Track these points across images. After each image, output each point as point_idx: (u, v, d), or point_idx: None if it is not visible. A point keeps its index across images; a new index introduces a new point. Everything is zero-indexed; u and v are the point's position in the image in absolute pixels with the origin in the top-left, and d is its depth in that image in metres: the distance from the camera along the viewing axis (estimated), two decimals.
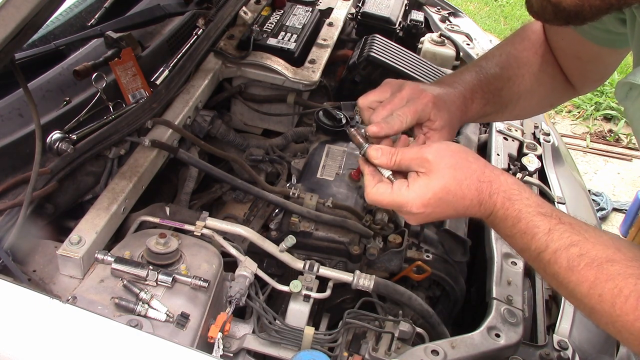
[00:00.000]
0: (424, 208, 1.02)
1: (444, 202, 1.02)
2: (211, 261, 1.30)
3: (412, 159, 1.05)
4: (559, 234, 0.96)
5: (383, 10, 2.34)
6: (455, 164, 1.02)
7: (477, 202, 1.02)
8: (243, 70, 1.92)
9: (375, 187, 1.07)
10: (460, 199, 1.01)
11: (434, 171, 1.02)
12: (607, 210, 4.01)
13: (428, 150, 1.05)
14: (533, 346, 1.41)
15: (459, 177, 1.01)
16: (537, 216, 0.98)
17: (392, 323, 1.35)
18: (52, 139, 1.34)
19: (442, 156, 1.03)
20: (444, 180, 1.01)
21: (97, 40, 1.66)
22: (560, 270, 0.95)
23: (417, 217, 1.05)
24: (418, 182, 1.03)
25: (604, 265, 0.91)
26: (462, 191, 1.01)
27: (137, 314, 1.15)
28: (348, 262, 1.49)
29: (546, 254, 0.96)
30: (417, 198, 1.02)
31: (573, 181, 2.00)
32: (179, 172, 1.80)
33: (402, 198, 1.03)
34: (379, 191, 1.06)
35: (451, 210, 1.03)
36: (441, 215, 1.05)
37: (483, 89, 1.29)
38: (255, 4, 2.15)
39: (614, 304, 0.89)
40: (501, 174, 1.04)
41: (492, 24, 6.10)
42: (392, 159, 1.07)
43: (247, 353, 1.30)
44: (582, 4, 0.91)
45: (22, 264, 1.28)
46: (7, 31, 1.03)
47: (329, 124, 1.78)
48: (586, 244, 0.94)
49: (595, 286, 0.91)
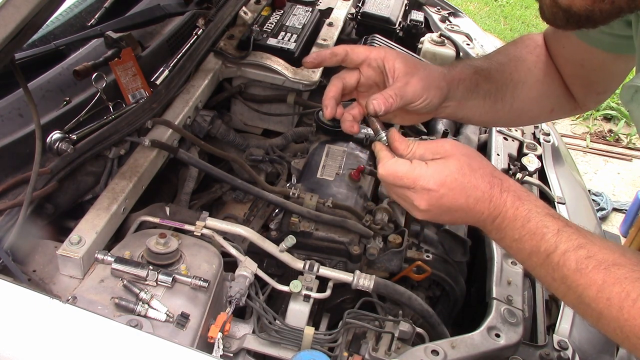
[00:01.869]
0: (440, 186, 1.02)
1: (459, 184, 1.02)
2: (211, 261, 1.30)
3: (427, 149, 1.07)
4: (567, 235, 0.96)
5: (383, 10, 2.34)
6: (469, 154, 1.06)
7: (488, 196, 1.02)
8: (243, 70, 1.92)
9: (395, 159, 1.07)
10: (473, 187, 1.02)
11: (451, 156, 1.04)
12: (607, 210, 4.01)
13: (443, 141, 1.08)
14: (533, 346, 1.41)
15: (474, 165, 1.03)
16: (546, 217, 0.99)
17: (392, 323, 1.35)
18: (52, 139, 1.34)
19: (457, 146, 1.06)
20: (460, 163, 1.03)
21: (97, 40, 1.66)
22: (568, 272, 0.95)
23: (430, 197, 1.03)
24: (436, 161, 1.04)
25: (611, 269, 0.91)
26: (475, 179, 1.02)
27: (137, 314, 1.15)
28: (348, 262, 1.49)
29: (555, 255, 0.96)
30: (435, 174, 1.02)
31: (573, 181, 2.00)
32: (179, 172, 1.80)
33: (420, 172, 1.03)
34: (398, 162, 1.05)
35: (463, 199, 1.02)
36: (452, 202, 1.03)
37: (466, 63, 1.31)
38: (255, 4, 2.15)
39: (621, 308, 0.89)
40: (509, 177, 1.07)
41: (492, 24, 6.10)
42: (409, 146, 1.09)
43: (247, 353, 1.30)
44: (592, 9, 0.91)
45: (22, 264, 1.28)
46: (7, 31, 1.04)
47: (329, 124, 1.78)
48: (593, 247, 0.94)
49: (604, 289, 0.91)
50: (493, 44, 2.50)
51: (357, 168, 1.64)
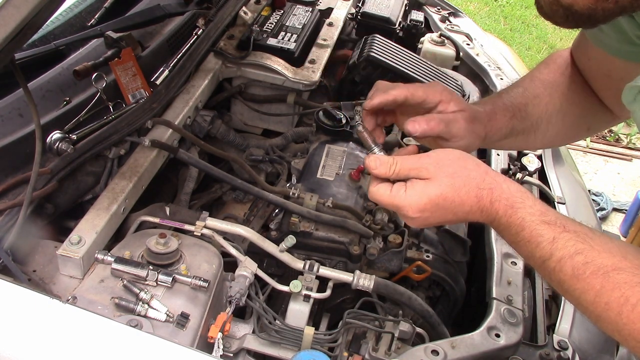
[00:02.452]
0: (420, 213, 1.02)
1: (441, 208, 1.02)
2: (211, 261, 1.30)
3: (410, 168, 1.05)
4: (563, 243, 0.95)
5: (383, 10, 2.34)
6: (454, 173, 1.02)
7: (478, 208, 1.01)
8: (243, 70, 1.92)
9: (377, 186, 1.07)
10: (459, 205, 1.01)
11: (432, 179, 1.02)
12: (607, 210, 4.01)
13: (427, 159, 1.04)
14: (533, 346, 1.41)
15: (457, 185, 1.01)
16: (540, 225, 0.97)
17: (392, 323, 1.35)
18: (52, 139, 1.34)
19: (441, 165, 1.03)
20: (440, 188, 1.01)
21: (97, 40, 1.66)
22: (565, 278, 0.94)
23: (414, 221, 1.05)
24: (415, 186, 1.03)
25: (610, 274, 0.90)
26: (460, 198, 1.01)
27: (137, 314, 1.15)
28: (348, 262, 1.49)
29: (551, 262, 0.96)
30: (414, 203, 1.02)
31: (573, 181, 2.00)
32: (179, 172, 1.80)
33: (399, 201, 1.03)
34: (379, 191, 1.06)
35: (451, 216, 1.03)
36: (441, 219, 1.04)
37: (505, 103, 1.29)
38: (255, 4, 2.15)
39: (620, 313, 0.89)
40: (503, 182, 1.03)
41: (492, 24, 6.10)
42: (390, 169, 1.06)
43: (247, 353, 1.30)
44: (594, 7, 0.90)
45: (22, 264, 1.28)
46: (7, 31, 1.03)
47: (329, 124, 1.78)
48: (591, 252, 0.93)
49: (602, 294, 0.90)
50: (493, 44, 2.50)
51: (357, 168, 1.64)
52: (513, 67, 2.34)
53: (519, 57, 2.81)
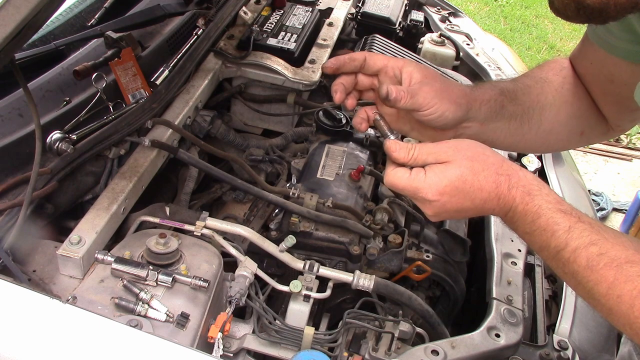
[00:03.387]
0: (440, 196, 1.01)
1: (460, 191, 1.01)
2: (211, 261, 1.30)
3: (429, 153, 1.04)
4: (578, 232, 0.95)
5: (383, 10, 2.34)
6: (472, 156, 1.02)
7: (495, 195, 1.01)
8: (243, 70, 1.92)
9: (394, 170, 1.06)
10: (477, 190, 1.00)
11: (452, 161, 1.02)
12: (607, 210, 4.02)
13: (445, 145, 1.05)
14: (533, 346, 1.41)
15: (476, 168, 1.01)
16: (557, 213, 0.97)
17: (392, 323, 1.35)
18: (52, 139, 1.34)
19: (459, 149, 1.03)
20: (460, 170, 1.01)
21: (97, 40, 1.66)
22: (579, 269, 0.94)
23: (432, 205, 1.03)
24: (434, 169, 1.02)
25: (624, 266, 0.90)
26: (479, 182, 1.00)
27: (137, 314, 1.15)
28: (348, 262, 1.49)
29: (565, 252, 0.95)
30: (434, 184, 1.01)
31: (573, 181, 2.00)
32: (179, 172, 1.80)
33: (418, 183, 1.02)
34: (397, 175, 1.05)
35: (468, 202, 1.02)
36: (458, 206, 1.02)
37: (492, 83, 1.29)
38: (255, 4, 2.15)
39: (632, 306, 0.89)
40: (520, 170, 1.03)
41: (492, 24, 6.10)
42: (409, 153, 1.06)
43: (247, 353, 1.30)
44: (607, 2, 0.89)
45: (22, 264, 1.28)
46: (7, 31, 1.03)
47: (329, 124, 1.78)
48: (606, 244, 0.93)
49: (614, 287, 0.90)
50: (493, 44, 2.50)
51: (357, 168, 1.64)
52: (513, 67, 2.34)
53: (518, 57, 2.80)
